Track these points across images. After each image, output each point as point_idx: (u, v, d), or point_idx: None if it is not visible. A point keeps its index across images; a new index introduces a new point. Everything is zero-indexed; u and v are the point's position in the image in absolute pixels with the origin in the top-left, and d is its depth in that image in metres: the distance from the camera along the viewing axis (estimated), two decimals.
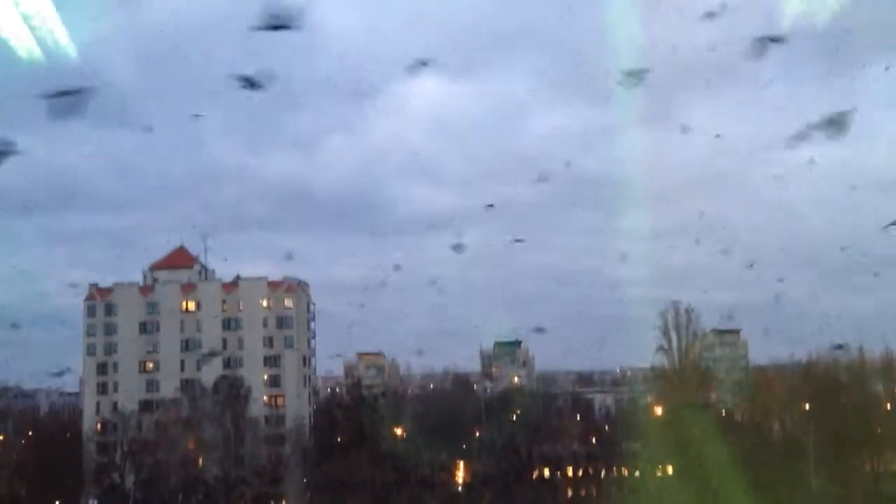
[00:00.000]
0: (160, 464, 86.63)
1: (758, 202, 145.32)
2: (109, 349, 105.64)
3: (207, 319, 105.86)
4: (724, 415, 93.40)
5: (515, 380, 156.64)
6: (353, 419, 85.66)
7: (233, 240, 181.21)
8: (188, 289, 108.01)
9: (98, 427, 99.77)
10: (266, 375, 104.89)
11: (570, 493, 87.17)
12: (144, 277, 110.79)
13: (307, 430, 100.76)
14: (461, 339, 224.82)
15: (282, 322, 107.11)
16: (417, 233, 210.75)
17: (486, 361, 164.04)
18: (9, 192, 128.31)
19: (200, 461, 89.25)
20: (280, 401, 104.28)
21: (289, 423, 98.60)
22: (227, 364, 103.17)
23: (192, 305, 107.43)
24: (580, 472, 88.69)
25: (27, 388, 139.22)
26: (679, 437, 73.05)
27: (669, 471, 77.14)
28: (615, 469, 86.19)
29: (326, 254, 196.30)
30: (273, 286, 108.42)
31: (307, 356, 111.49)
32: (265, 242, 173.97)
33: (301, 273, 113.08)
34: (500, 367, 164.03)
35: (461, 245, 46.36)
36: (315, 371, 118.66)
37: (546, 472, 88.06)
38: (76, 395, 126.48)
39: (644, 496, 73.67)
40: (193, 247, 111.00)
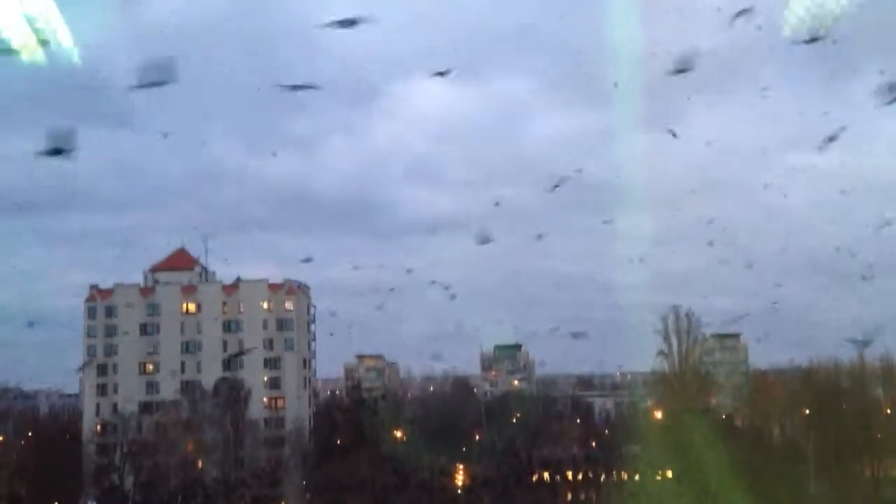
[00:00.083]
0: (160, 465, 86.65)
1: (759, 206, 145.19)
2: (109, 350, 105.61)
3: (208, 321, 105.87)
4: (724, 419, 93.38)
5: (515, 383, 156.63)
6: (353, 421, 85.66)
7: (233, 241, 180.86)
8: (189, 290, 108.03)
9: (98, 428, 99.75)
10: (266, 377, 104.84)
11: (570, 497, 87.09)
12: (145, 279, 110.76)
13: (307, 433, 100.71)
14: (461, 342, 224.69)
15: (282, 324, 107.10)
16: (418, 235, 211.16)
17: (487, 364, 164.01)
18: (9, 192, 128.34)
19: (200, 463, 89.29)
20: (280, 403, 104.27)
21: (288, 426, 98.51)
22: (227, 366, 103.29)
23: (193, 307, 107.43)
24: (580, 476, 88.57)
25: (27, 389, 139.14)
26: (679, 442, 73.03)
27: (669, 475, 77.08)
28: (615, 473, 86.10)
29: (327, 256, 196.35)
30: (273, 288, 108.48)
31: (307, 358, 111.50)
32: (266, 244, 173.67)
33: (301, 275, 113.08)
34: (501, 371, 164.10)
35: (487, 238, 45.78)
36: (315, 373, 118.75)
37: (546, 476, 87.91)
38: (76, 397, 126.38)
39: (644, 500, 73.56)
40: (194, 248, 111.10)
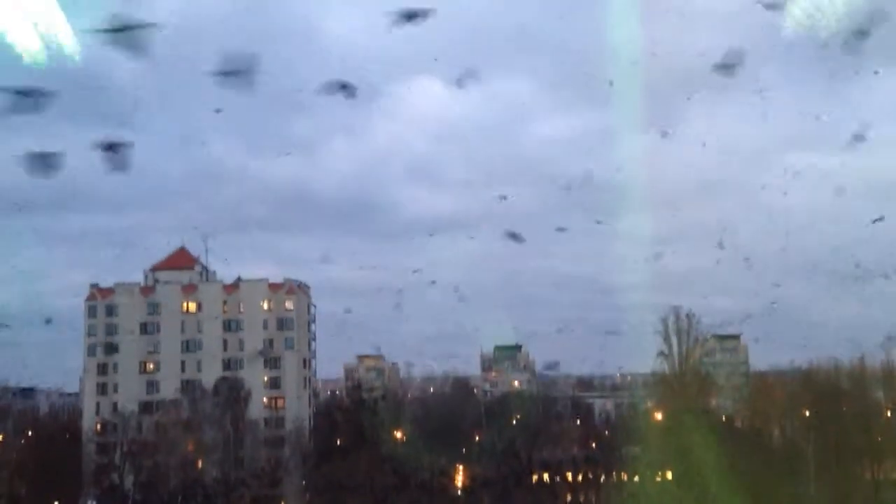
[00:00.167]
0: (160, 465, 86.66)
1: (760, 207, 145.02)
2: (110, 350, 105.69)
3: (208, 321, 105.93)
4: (724, 420, 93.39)
5: (516, 384, 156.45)
6: (353, 422, 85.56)
7: (234, 241, 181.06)
8: (189, 290, 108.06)
9: (98, 428, 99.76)
10: (266, 377, 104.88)
11: (570, 498, 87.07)
12: (145, 278, 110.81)
13: (307, 433, 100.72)
14: (461, 343, 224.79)
15: (282, 324, 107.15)
16: (418, 235, 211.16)
17: (487, 365, 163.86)
18: (9, 192, 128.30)
19: (200, 463, 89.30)
20: (280, 403, 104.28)
21: (288, 426, 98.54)
22: (228, 366, 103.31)
23: (193, 306, 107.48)
24: (580, 477, 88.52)
25: (27, 388, 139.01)
26: (679, 443, 72.96)
27: (669, 476, 77.04)
28: (615, 474, 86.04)
29: (327, 255, 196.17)
30: (274, 288, 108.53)
31: (307, 358, 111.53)
32: (266, 244, 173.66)
33: (302, 275, 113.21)
34: (501, 371, 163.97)
35: (518, 235, 45.47)
36: (315, 373, 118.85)
37: (546, 477, 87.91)
38: (76, 396, 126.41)
39: (644, 501, 73.54)
40: (194, 248, 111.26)
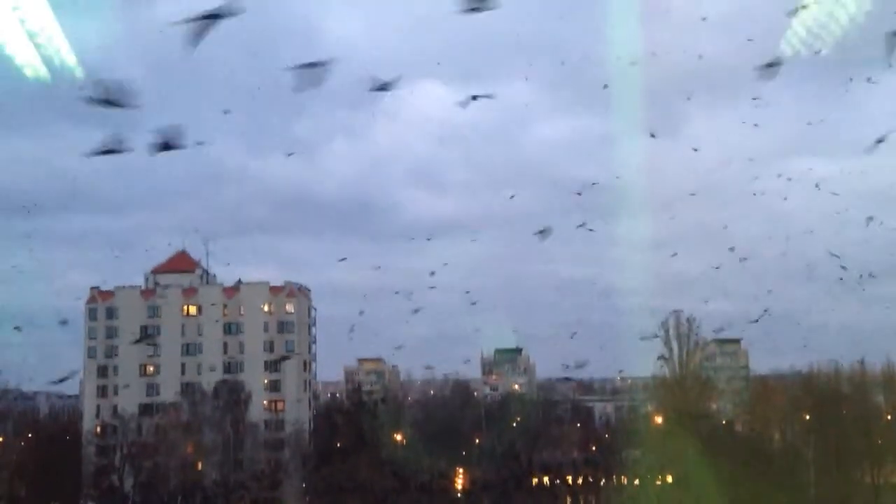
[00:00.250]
0: (159, 467, 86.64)
1: (760, 213, 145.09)
2: (110, 352, 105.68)
3: (208, 323, 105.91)
4: (725, 424, 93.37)
5: (516, 387, 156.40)
6: (353, 424, 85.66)
7: (234, 244, 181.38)
8: (189, 293, 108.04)
9: (98, 430, 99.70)
10: (266, 380, 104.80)
11: (570, 501, 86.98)
12: (146, 281, 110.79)
13: (307, 435, 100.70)
14: (462, 346, 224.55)
15: (283, 327, 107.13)
16: (419, 238, 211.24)
17: (487, 368, 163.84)
18: (9, 193, 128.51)
19: (200, 465, 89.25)
20: (280, 405, 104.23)
21: (288, 428, 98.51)
22: (228, 368, 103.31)
23: (194, 309, 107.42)
24: (580, 480, 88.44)
25: (27, 391, 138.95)
26: (679, 447, 72.96)
27: (669, 480, 77.03)
28: (615, 477, 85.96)
29: (328, 258, 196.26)
30: (274, 291, 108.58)
31: (308, 361, 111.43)
32: (267, 247, 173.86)
33: (302, 278, 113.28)
34: (501, 374, 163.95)
35: (547, 230, 44.52)
36: (315, 376, 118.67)
37: (546, 480, 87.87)
38: (76, 398, 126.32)
39: None
40: (195, 251, 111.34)
